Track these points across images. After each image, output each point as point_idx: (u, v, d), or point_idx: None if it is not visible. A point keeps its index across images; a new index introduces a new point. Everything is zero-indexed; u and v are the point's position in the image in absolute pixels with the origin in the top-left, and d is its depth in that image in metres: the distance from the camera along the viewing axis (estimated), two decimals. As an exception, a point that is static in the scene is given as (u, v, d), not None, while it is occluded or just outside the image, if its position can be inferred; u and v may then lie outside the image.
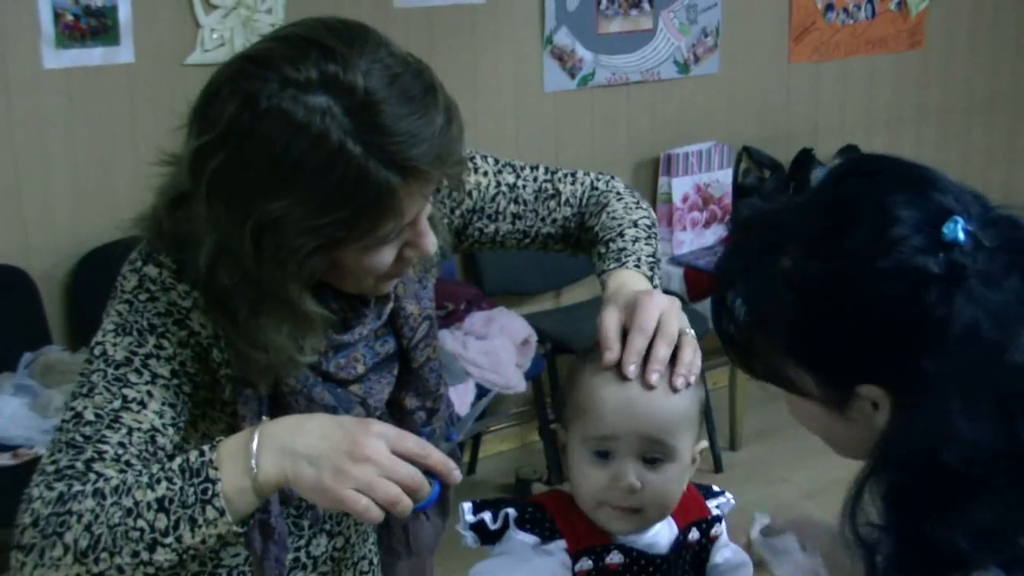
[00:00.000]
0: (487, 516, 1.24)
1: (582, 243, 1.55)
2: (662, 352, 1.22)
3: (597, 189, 1.56)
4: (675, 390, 1.21)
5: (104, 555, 1.12)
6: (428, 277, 1.47)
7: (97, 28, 3.20)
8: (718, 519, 1.31)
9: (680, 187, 4.13)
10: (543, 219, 1.54)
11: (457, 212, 1.50)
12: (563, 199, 1.55)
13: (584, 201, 1.55)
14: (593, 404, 1.21)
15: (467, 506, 1.25)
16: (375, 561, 1.56)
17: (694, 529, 1.28)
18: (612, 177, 1.59)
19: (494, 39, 3.87)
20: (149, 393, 1.24)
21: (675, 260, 4.06)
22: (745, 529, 1.30)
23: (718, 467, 3.92)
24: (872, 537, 0.99)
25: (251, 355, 1.26)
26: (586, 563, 1.22)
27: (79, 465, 1.18)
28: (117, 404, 1.22)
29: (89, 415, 1.21)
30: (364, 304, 1.37)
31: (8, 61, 3.12)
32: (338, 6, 3.30)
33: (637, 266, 1.42)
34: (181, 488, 1.13)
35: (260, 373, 1.29)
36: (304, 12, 3.85)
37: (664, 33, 4.18)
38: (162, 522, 1.12)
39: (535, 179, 1.54)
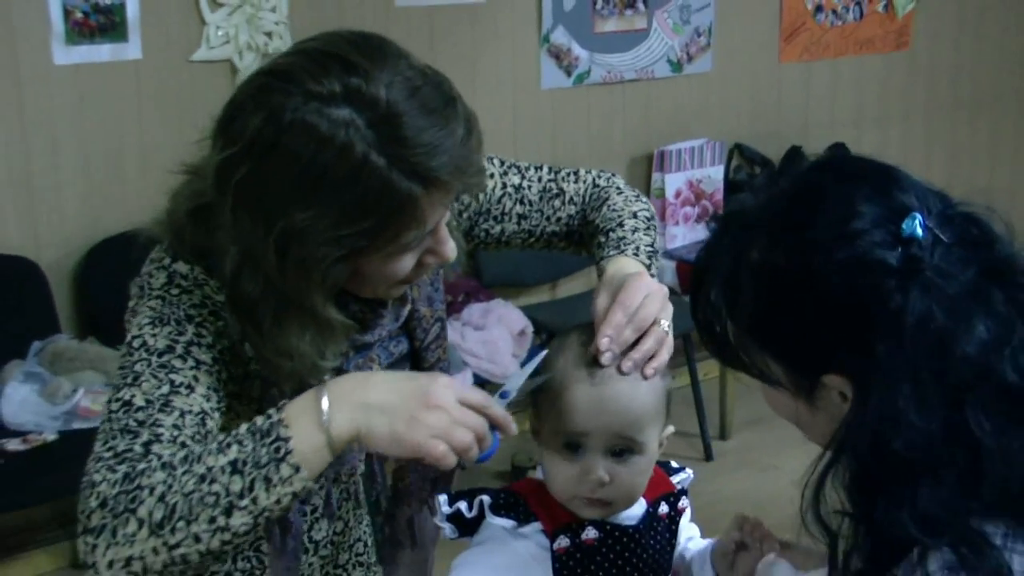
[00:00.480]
0: (462, 505, 1.26)
1: (584, 238, 1.55)
2: (625, 334, 1.24)
3: (598, 186, 1.57)
4: (621, 372, 1.22)
5: (180, 524, 1.09)
6: (438, 280, 1.50)
7: (106, 25, 3.25)
8: (684, 492, 1.36)
9: (673, 183, 4.16)
10: (548, 218, 1.55)
11: (465, 215, 1.52)
12: (567, 198, 1.55)
13: (586, 198, 1.56)
14: (566, 398, 1.23)
15: (442, 498, 1.26)
16: (369, 543, 1.56)
17: (663, 503, 1.33)
18: (613, 174, 1.60)
19: (493, 37, 3.90)
20: (195, 378, 1.22)
21: (668, 254, 4.08)
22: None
23: (708, 456, 3.90)
24: (835, 524, 1.02)
25: (277, 362, 1.26)
26: (563, 541, 1.25)
27: (137, 448, 1.15)
28: (166, 389, 1.20)
29: (139, 401, 1.19)
30: (382, 306, 1.39)
31: (20, 57, 3.16)
32: (341, 5, 3.31)
33: (636, 254, 1.42)
34: (253, 449, 1.11)
35: (285, 378, 1.29)
36: (307, 10, 3.89)
37: (658, 32, 4.20)
38: (237, 484, 1.10)
39: (539, 179, 1.55)
